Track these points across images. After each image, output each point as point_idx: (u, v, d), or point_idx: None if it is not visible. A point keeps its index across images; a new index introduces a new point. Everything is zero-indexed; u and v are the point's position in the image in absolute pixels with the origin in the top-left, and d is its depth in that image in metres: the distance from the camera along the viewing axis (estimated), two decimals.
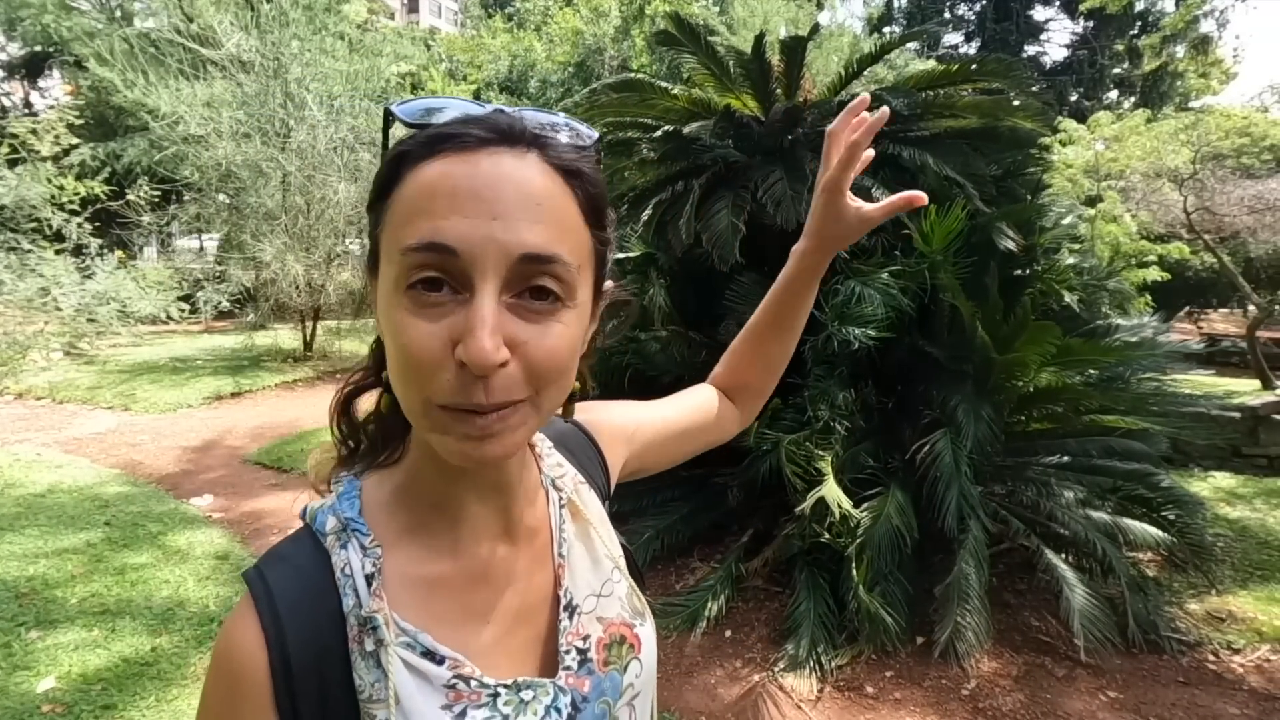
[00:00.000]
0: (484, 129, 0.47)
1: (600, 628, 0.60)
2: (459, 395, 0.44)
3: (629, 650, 0.61)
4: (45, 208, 7.65)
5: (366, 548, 0.52)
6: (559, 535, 0.62)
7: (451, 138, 0.47)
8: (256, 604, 0.50)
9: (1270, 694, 2.61)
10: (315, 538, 0.53)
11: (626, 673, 0.60)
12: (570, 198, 0.49)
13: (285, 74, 8.38)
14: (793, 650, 2.80)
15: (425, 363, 0.44)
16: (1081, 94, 21.47)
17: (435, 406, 0.46)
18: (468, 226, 0.44)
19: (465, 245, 0.44)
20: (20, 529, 3.95)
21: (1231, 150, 9.67)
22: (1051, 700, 2.59)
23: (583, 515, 0.65)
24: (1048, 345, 2.96)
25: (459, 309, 0.45)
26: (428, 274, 0.45)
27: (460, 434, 0.46)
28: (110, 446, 5.94)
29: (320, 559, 0.52)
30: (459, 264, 0.44)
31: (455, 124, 0.48)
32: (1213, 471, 5.01)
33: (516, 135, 0.48)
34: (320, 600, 0.50)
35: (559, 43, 16.06)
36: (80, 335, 8.26)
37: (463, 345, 0.43)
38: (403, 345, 0.45)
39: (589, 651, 0.58)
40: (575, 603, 0.59)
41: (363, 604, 0.50)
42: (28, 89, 16.04)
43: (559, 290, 0.47)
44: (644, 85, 4.08)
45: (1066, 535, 3.13)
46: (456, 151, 0.46)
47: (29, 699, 2.49)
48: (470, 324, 0.43)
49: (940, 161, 3.32)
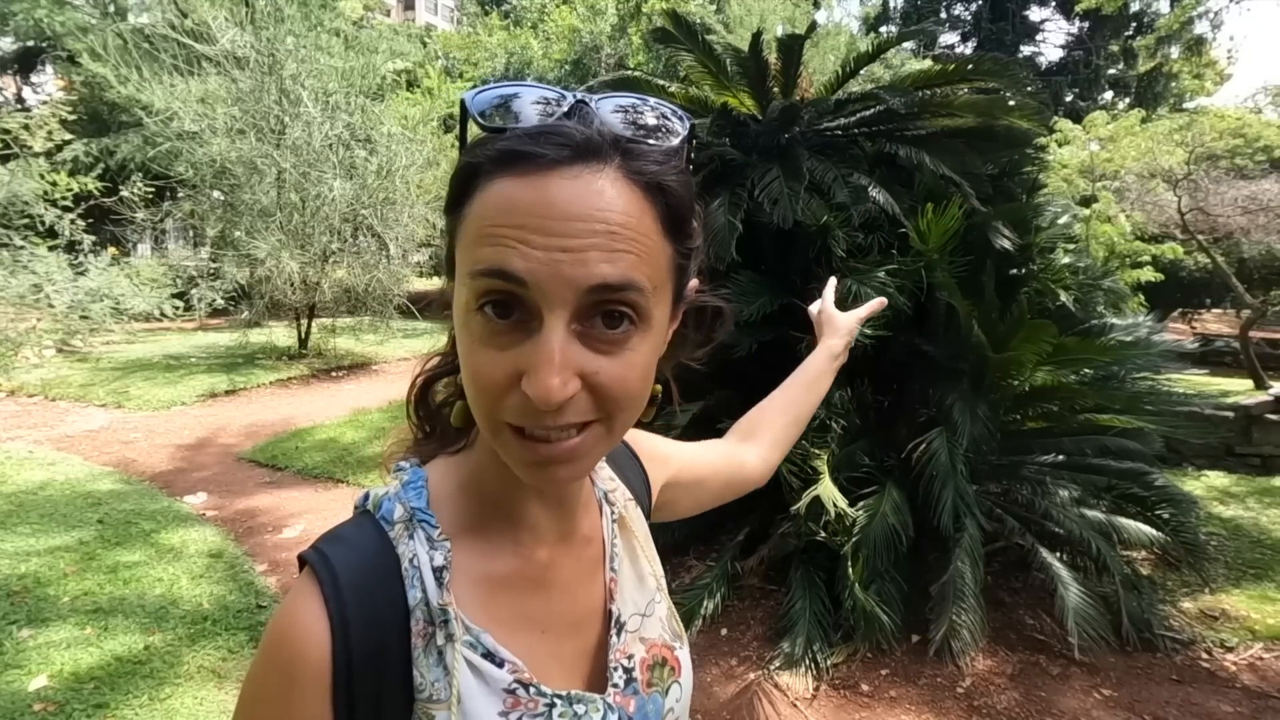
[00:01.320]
0: (557, 145, 0.44)
1: (643, 648, 0.59)
2: (526, 420, 0.44)
3: (670, 673, 0.60)
4: (38, 204, 7.59)
5: (435, 540, 0.50)
6: (611, 549, 0.61)
7: (523, 157, 0.44)
8: (322, 586, 0.47)
9: (1263, 692, 2.62)
10: (378, 525, 0.51)
11: (668, 696, 0.59)
12: (651, 214, 0.46)
13: (280, 70, 8.33)
14: (788, 648, 2.80)
15: (491, 389, 0.44)
16: (1077, 94, 21.52)
17: (504, 424, 0.45)
18: (536, 259, 0.42)
19: (533, 278, 0.42)
20: (12, 527, 3.92)
21: (1225, 151, 9.73)
22: (1046, 698, 2.60)
23: (631, 531, 0.65)
24: (1043, 344, 2.97)
25: (527, 339, 0.43)
26: (497, 297, 0.44)
27: (530, 459, 0.46)
28: (103, 444, 5.91)
29: (384, 547, 0.50)
30: (528, 295, 0.43)
31: (527, 138, 0.44)
32: (1206, 470, 5.03)
33: (595, 149, 0.44)
34: (386, 589, 0.48)
35: (555, 40, 16.03)
36: (73, 332, 8.20)
37: (527, 381, 0.42)
38: (473, 368, 0.45)
39: (634, 671, 0.57)
40: (623, 620, 0.59)
41: (430, 597, 0.48)
42: (20, 84, 15.93)
43: (632, 314, 0.45)
44: (641, 83, 4.08)
45: (1061, 534, 3.14)
46: (526, 173, 0.43)
47: (20, 698, 2.47)
48: (536, 361, 0.42)
49: (937, 160, 3.33)
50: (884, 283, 3.04)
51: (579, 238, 0.42)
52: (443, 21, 29.26)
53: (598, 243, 0.43)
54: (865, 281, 3.05)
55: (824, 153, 3.56)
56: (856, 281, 3.06)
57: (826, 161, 3.46)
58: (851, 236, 3.25)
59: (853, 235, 3.25)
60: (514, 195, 0.43)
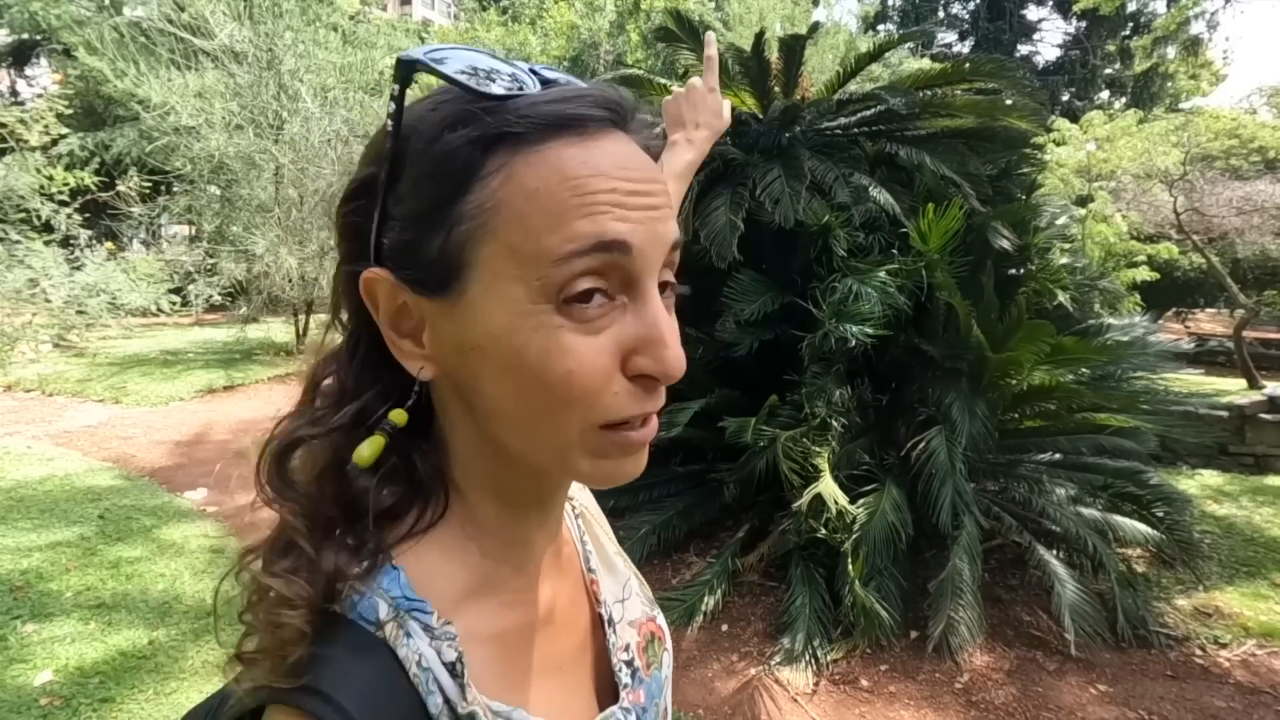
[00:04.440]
0: (594, 105, 0.40)
1: (634, 632, 0.57)
2: (634, 408, 0.40)
3: (659, 645, 0.60)
4: (34, 198, 7.57)
5: (435, 629, 0.42)
6: (583, 550, 0.58)
7: (576, 119, 0.39)
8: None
9: (1256, 688, 2.66)
10: (356, 629, 0.42)
11: (663, 667, 0.59)
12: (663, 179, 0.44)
13: (279, 65, 8.31)
14: (789, 644, 2.83)
15: (597, 382, 0.39)
16: (1073, 94, 21.59)
17: (595, 429, 0.40)
18: (635, 219, 0.39)
19: (638, 241, 0.39)
20: (12, 522, 3.92)
21: (1221, 152, 9.79)
22: (1042, 694, 2.63)
23: (590, 520, 0.61)
24: (1042, 344, 3.00)
25: (619, 317, 0.40)
26: (588, 285, 0.38)
27: (624, 453, 0.42)
28: (101, 439, 5.90)
29: (378, 653, 0.41)
30: (629, 265, 0.39)
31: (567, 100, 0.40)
32: (1200, 469, 5.08)
33: (624, 114, 0.42)
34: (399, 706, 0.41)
35: (554, 37, 15.99)
36: (69, 327, 8.19)
37: (648, 358, 0.39)
38: (565, 371, 0.38)
39: (634, 661, 0.56)
40: (611, 615, 0.56)
41: (451, 699, 0.42)
42: (14, 77, 15.83)
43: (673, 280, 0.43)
44: (642, 81, 4.09)
45: (1058, 532, 3.18)
46: (583, 134, 0.39)
47: (26, 692, 2.48)
48: (657, 333, 0.39)
49: (938, 161, 3.35)
50: (884, 282, 3.06)
51: (655, 195, 0.41)
52: (440, 17, 29.15)
53: (667, 201, 0.42)
54: (866, 281, 3.08)
55: (825, 152, 3.59)
56: (857, 281, 3.08)
57: (827, 161, 3.48)
58: (852, 236, 3.27)
59: (853, 235, 3.28)
60: (584, 159, 0.39)
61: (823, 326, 3.07)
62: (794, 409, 3.16)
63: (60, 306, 7.71)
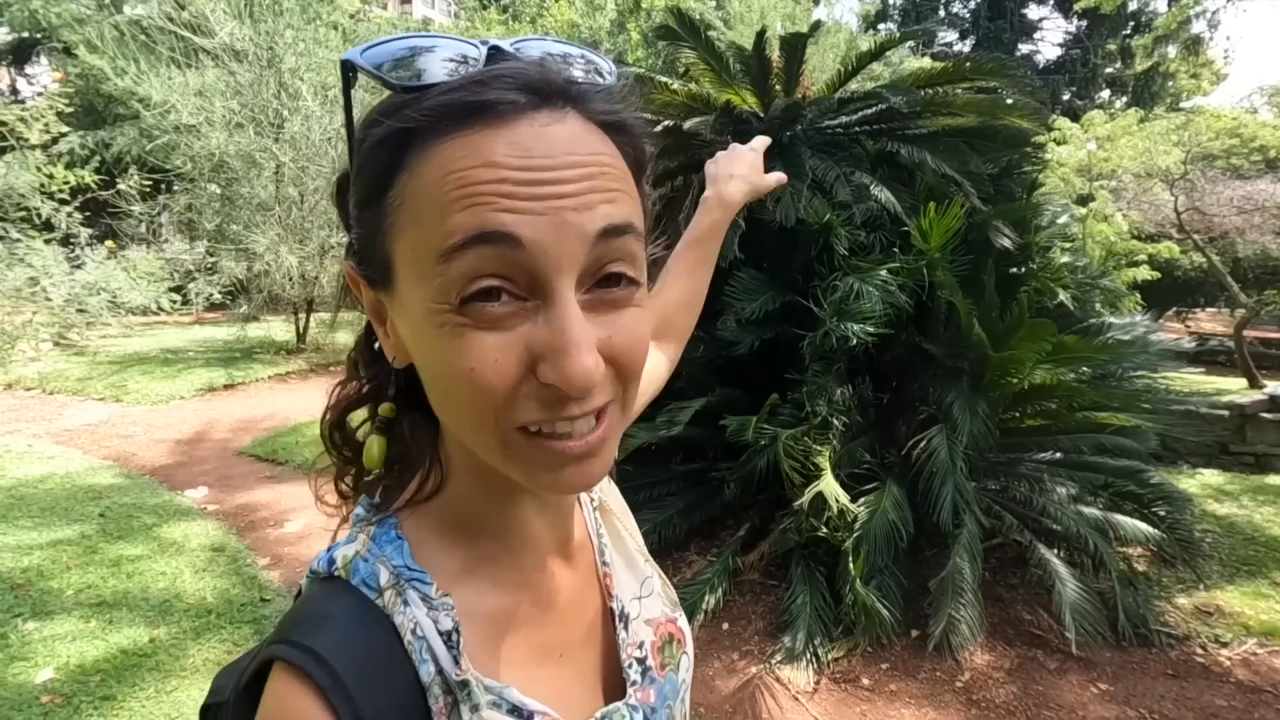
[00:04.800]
0: (514, 87, 0.37)
1: (650, 631, 0.56)
2: (545, 413, 0.38)
3: (678, 647, 0.58)
4: (34, 196, 7.57)
5: (433, 599, 0.43)
6: (598, 542, 0.57)
7: (479, 107, 0.37)
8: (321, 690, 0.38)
9: (1257, 687, 2.66)
10: (358, 595, 0.43)
11: (680, 669, 0.57)
12: (620, 157, 0.41)
13: (279, 63, 8.30)
14: (789, 643, 2.83)
15: (501, 385, 0.37)
16: (1074, 93, 21.58)
17: (514, 431, 0.39)
18: (532, 211, 0.36)
19: (533, 234, 0.36)
20: (13, 520, 3.93)
21: (1221, 151, 9.78)
22: (1043, 692, 2.63)
23: (611, 513, 0.60)
24: (1043, 343, 3.00)
25: (529, 318, 0.37)
26: (485, 284, 0.36)
27: (558, 463, 0.39)
28: (102, 438, 5.90)
29: (375, 618, 0.42)
30: (525, 261, 0.36)
31: (475, 85, 0.37)
32: (1201, 469, 5.07)
33: (555, 90, 0.38)
34: (395, 671, 0.41)
35: (554, 35, 15.95)
36: (69, 326, 8.19)
37: (551, 366, 0.36)
38: (467, 370, 0.37)
39: (647, 660, 0.54)
40: (625, 611, 0.55)
41: (445, 668, 0.42)
42: (14, 75, 15.82)
43: (631, 271, 0.40)
44: (643, 80, 4.08)
45: (1058, 530, 3.18)
46: (486, 125, 0.36)
47: (27, 690, 2.48)
48: (561, 340, 0.36)
49: (939, 159, 3.35)
50: (885, 281, 3.06)
51: (574, 182, 0.37)
52: (440, 15, 29.13)
53: (595, 185, 0.38)
54: (867, 280, 3.08)
55: (826, 151, 3.58)
56: (858, 279, 3.08)
57: (828, 160, 3.48)
58: (853, 235, 3.27)
59: (855, 233, 3.27)
60: (479, 149, 0.36)
61: (824, 325, 3.06)
62: (795, 407, 3.16)
63: (61, 305, 7.71)
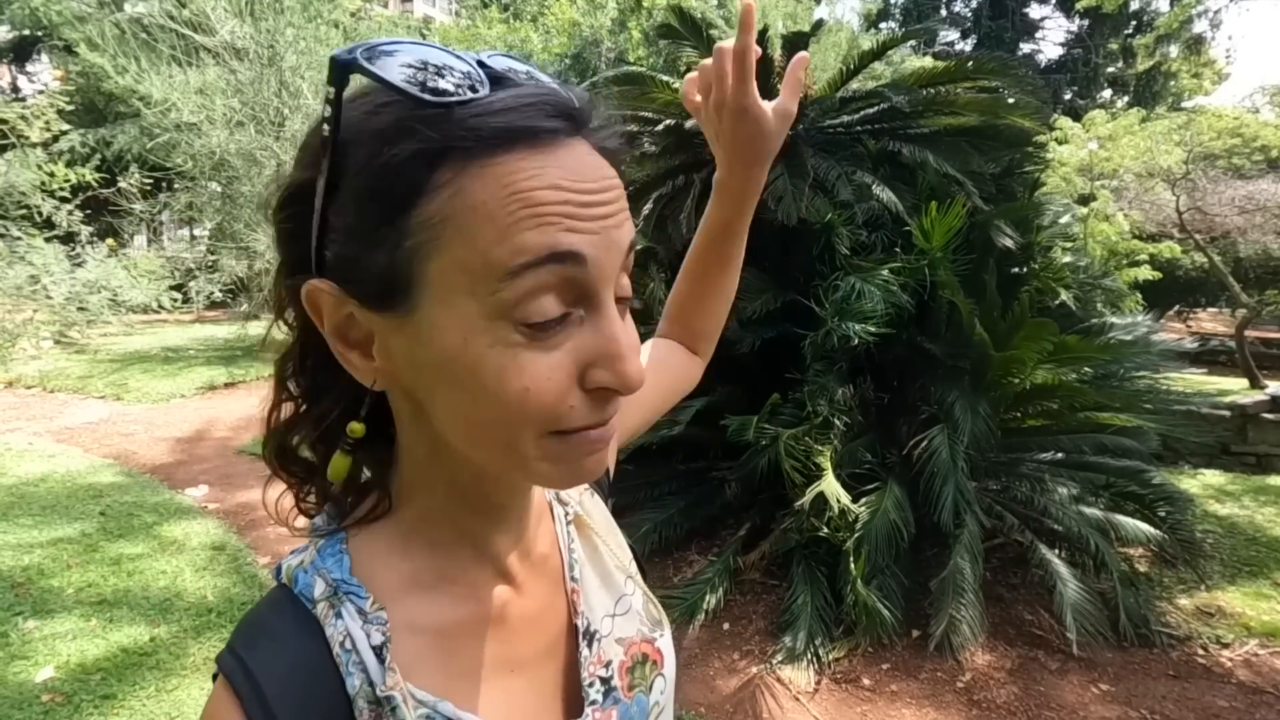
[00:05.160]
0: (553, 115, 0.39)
1: (621, 650, 0.55)
2: (592, 416, 0.41)
3: (653, 668, 0.57)
4: (35, 195, 7.56)
5: (368, 613, 0.44)
6: (569, 557, 0.56)
7: (529, 133, 0.38)
8: (241, 701, 0.41)
9: (1258, 688, 2.66)
10: (299, 604, 0.44)
11: (652, 691, 0.56)
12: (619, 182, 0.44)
13: (280, 62, 8.29)
14: (790, 643, 2.83)
15: (555, 401, 0.39)
16: (1075, 92, 21.54)
17: (549, 436, 0.40)
18: (590, 230, 0.38)
19: (593, 251, 0.38)
20: (14, 519, 3.93)
21: (1223, 151, 9.76)
22: (1044, 693, 2.63)
23: (588, 528, 0.59)
24: (1044, 342, 3.00)
25: (576, 330, 0.39)
26: (547, 304, 0.38)
27: (583, 454, 0.42)
28: (103, 436, 5.90)
29: (310, 630, 0.43)
30: (584, 277, 0.38)
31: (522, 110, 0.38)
32: (1202, 469, 5.07)
33: (581, 119, 0.41)
34: (320, 684, 0.42)
35: (555, 34, 15.96)
36: (70, 324, 8.18)
37: (606, 371, 0.39)
38: (521, 389, 0.38)
39: (612, 679, 0.53)
40: (593, 628, 0.54)
41: (374, 682, 0.42)
42: (15, 73, 15.82)
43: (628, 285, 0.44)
44: (645, 79, 4.07)
45: (1060, 531, 3.18)
46: (534, 146, 0.38)
47: (28, 688, 2.48)
48: (615, 346, 0.40)
49: (940, 159, 3.34)
50: (887, 281, 3.06)
51: (611, 203, 0.40)
52: (441, 14, 29.10)
53: (622, 205, 0.41)
54: (868, 279, 3.07)
55: (828, 150, 3.58)
56: (860, 279, 3.08)
57: (830, 159, 3.47)
58: (855, 234, 3.26)
59: (856, 233, 3.27)
60: (537, 173, 0.37)
61: (825, 324, 3.06)
62: (796, 407, 3.16)
63: (61, 303, 7.70)
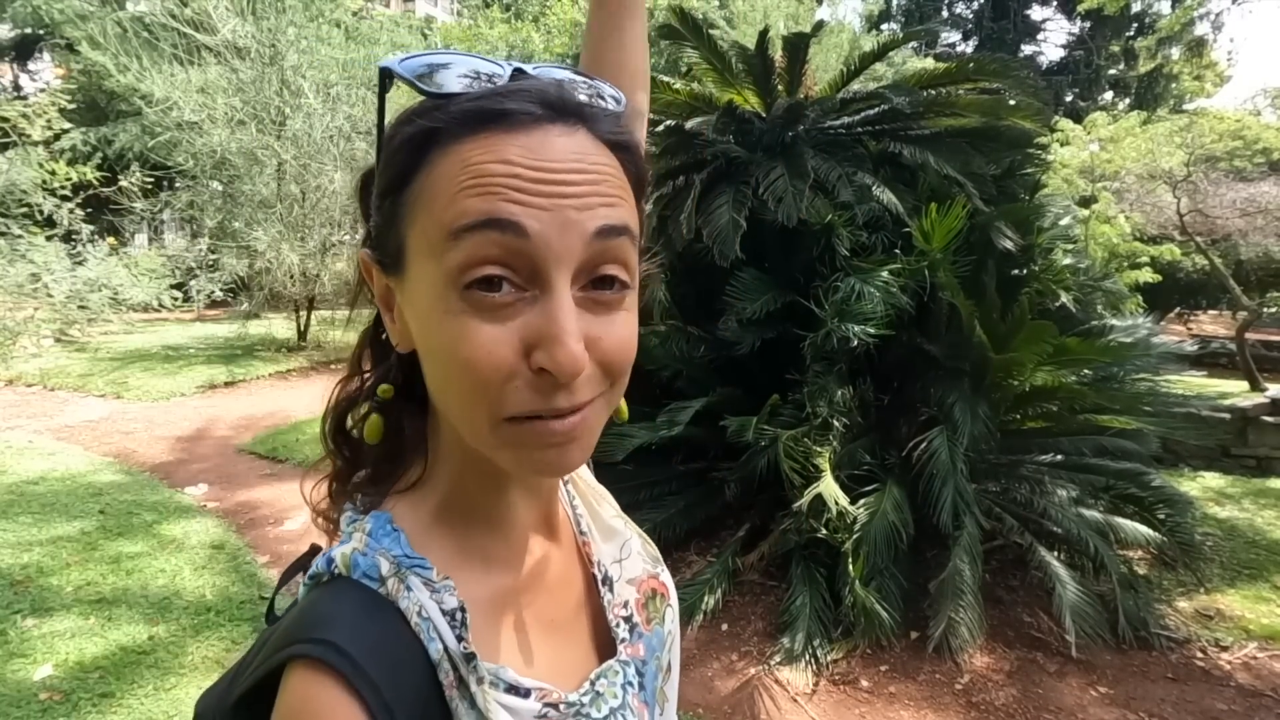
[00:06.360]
0: (532, 101, 0.41)
1: (633, 589, 0.59)
2: (536, 404, 0.41)
3: (661, 600, 0.61)
4: (36, 193, 7.58)
5: (436, 584, 0.46)
6: (574, 514, 0.61)
7: (499, 115, 0.40)
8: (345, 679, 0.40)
9: (1257, 690, 2.66)
10: (362, 588, 0.46)
11: (665, 622, 0.61)
12: (622, 172, 0.44)
13: (281, 61, 8.30)
14: (789, 644, 2.83)
15: (495, 375, 0.40)
16: (1077, 94, 21.54)
17: (504, 421, 0.41)
18: (538, 204, 0.39)
19: (538, 225, 0.39)
20: (13, 516, 3.93)
21: (1224, 153, 9.74)
22: (1043, 695, 2.63)
23: (582, 483, 0.64)
24: (1044, 344, 2.99)
25: (527, 308, 0.40)
26: (488, 270, 0.39)
27: (540, 445, 0.42)
28: (103, 434, 5.90)
29: (383, 607, 0.45)
30: (529, 250, 0.39)
31: (499, 95, 0.41)
32: (1202, 471, 5.06)
33: (569, 109, 0.42)
34: (407, 651, 0.44)
35: (557, 34, 15.96)
36: (71, 322, 8.21)
37: (544, 353, 0.39)
38: (465, 357, 0.40)
39: (633, 617, 0.58)
40: (608, 574, 0.58)
41: (449, 645, 0.44)
42: (17, 72, 15.84)
43: (624, 275, 0.43)
44: None
45: (1059, 533, 3.17)
46: (506, 129, 0.40)
47: (26, 687, 2.48)
48: (553, 329, 0.39)
49: (941, 160, 3.34)
50: (887, 282, 3.06)
51: (578, 185, 0.40)
52: (443, 13, 29.10)
53: (597, 190, 0.41)
54: (868, 280, 3.07)
55: (828, 151, 3.58)
56: (859, 280, 3.08)
57: (831, 160, 3.47)
58: (855, 235, 3.26)
59: (856, 234, 3.27)
60: (494, 148, 0.40)
61: (825, 325, 3.06)
62: (795, 408, 3.16)
63: (62, 301, 7.73)
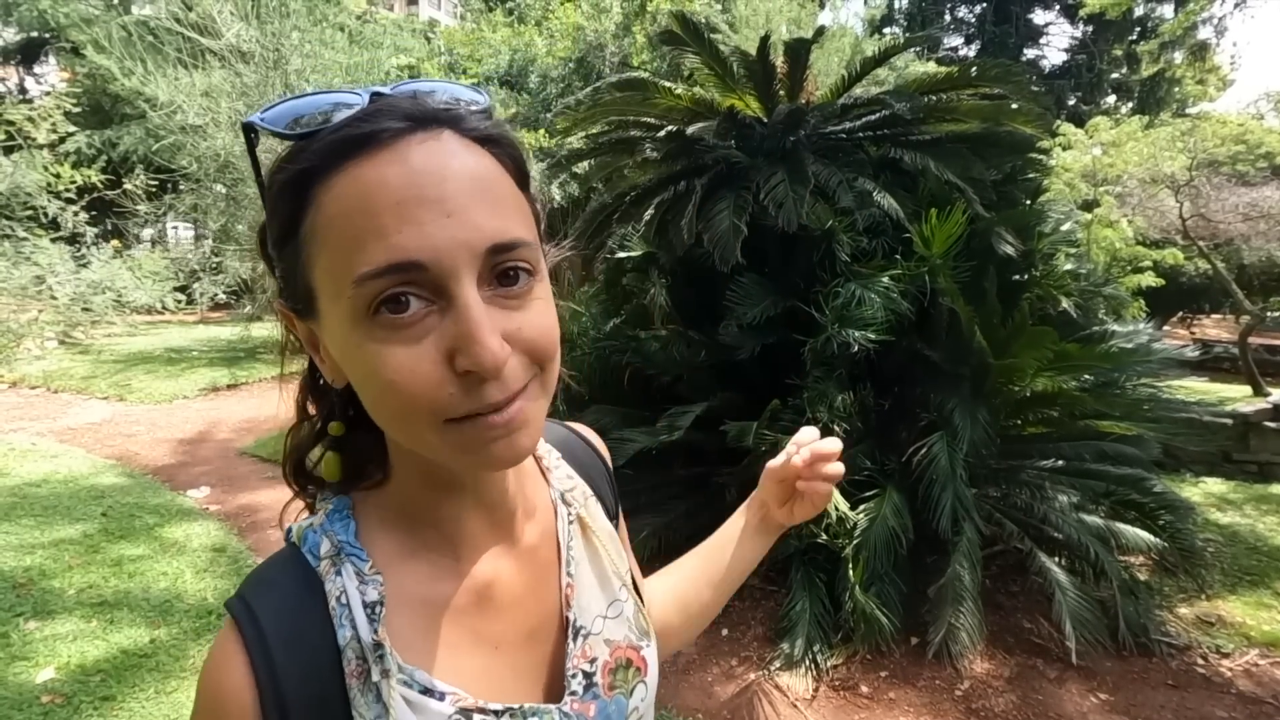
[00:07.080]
0: (393, 118, 0.42)
1: (607, 651, 0.58)
2: (472, 403, 0.42)
3: (635, 674, 0.59)
4: (41, 195, 7.60)
5: (365, 575, 0.48)
6: (567, 554, 0.59)
7: (365, 139, 0.41)
8: (245, 640, 0.45)
9: (1258, 698, 2.65)
10: (305, 562, 0.49)
11: (632, 696, 0.58)
12: (500, 168, 0.45)
13: (285, 65, 8.34)
14: (788, 649, 2.83)
15: (423, 390, 0.41)
16: (1079, 98, 21.52)
17: (444, 424, 0.43)
18: (426, 233, 0.40)
19: (432, 255, 0.40)
20: (16, 519, 3.94)
21: (1227, 157, 9.73)
22: (1043, 701, 2.62)
23: (591, 531, 0.62)
24: (1044, 350, 2.99)
25: (439, 319, 0.42)
26: (393, 290, 0.40)
27: (486, 440, 0.43)
28: (105, 437, 5.92)
29: (312, 585, 0.48)
30: (428, 276, 0.41)
31: (359, 120, 0.42)
32: (1204, 477, 5.05)
33: (429, 116, 0.43)
34: (316, 631, 0.46)
35: (560, 38, 15.98)
36: (75, 324, 8.23)
37: (464, 355, 0.41)
38: (389, 381, 0.41)
39: (595, 675, 0.56)
40: (583, 625, 0.57)
41: (361, 635, 0.46)
42: (23, 75, 15.91)
43: (525, 266, 0.44)
44: (647, 84, 4.08)
45: (1059, 538, 3.17)
46: (374, 152, 0.41)
47: (28, 689, 2.49)
48: (467, 331, 0.40)
49: (941, 166, 3.34)
50: (887, 287, 3.06)
51: (457, 198, 0.41)
52: (446, 17, 29.18)
53: (476, 199, 0.42)
54: (869, 286, 3.08)
55: (829, 156, 3.58)
56: (860, 285, 3.08)
57: (831, 165, 3.47)
58: (856, 240, 3.26)
59: (857, 239, 3.27)
60: (374, 177, 0.41)
61: (825, 331, 3.06)
62: (796, 413, 3.16)
63: (66, 303, 7.75)
